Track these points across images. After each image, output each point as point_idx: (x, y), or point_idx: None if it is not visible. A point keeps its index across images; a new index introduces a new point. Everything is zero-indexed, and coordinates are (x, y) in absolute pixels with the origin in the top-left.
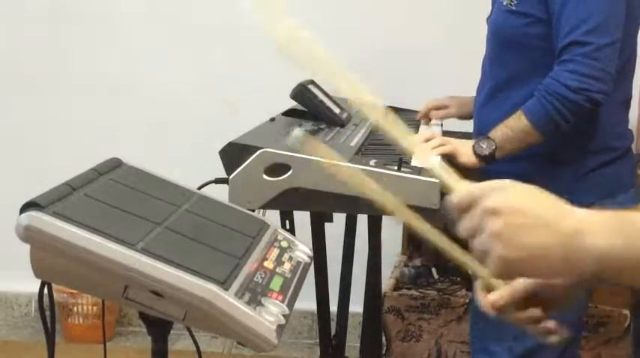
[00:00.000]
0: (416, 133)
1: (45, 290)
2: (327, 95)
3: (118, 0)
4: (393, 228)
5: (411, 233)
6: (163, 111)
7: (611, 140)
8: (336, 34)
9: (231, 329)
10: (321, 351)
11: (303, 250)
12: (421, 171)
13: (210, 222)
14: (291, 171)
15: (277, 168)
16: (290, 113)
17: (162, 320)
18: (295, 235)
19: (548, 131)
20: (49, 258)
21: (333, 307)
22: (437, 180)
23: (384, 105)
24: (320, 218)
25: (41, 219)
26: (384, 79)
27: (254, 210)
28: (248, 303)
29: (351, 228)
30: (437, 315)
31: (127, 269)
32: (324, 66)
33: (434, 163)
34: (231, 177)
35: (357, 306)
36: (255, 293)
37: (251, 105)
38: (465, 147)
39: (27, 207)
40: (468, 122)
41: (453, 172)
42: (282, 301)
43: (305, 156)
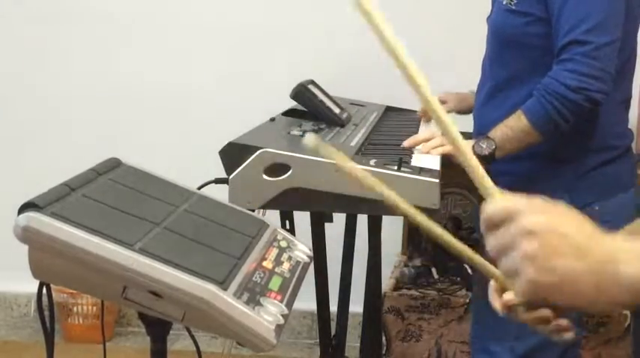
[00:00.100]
0: (416, 133)
1: (44, 291)
2: (327, 95)
3: (118, 0)
4: (393, 228)
5: (411, 233)
6: (163, 111)
7: (611, 139)
8: (336, 34)
9: (230, 329)
10: (321, 351)
11: (303, 250)
12: (421, 171)
13: (209, 222)
14: (291, 171)
15: (277, 168)
16: (290, 113)
17: (161, 320)
18: (295, 235)
19: (548, 131)
20: (48, 259)
21: (333, 307)
22: (437, 180)
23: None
24: (320, 218)
25: (39, 219)
26: (384, 79)
27: (254, 210)
28: (247, 303)
29: (351, 228)
30: (437, 315)
31: (125, 269)
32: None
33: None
34: (231, 177)
35: (357, 306)
36: (253, 293)
37: (251, 105)
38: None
39: (25, 207)
40: (468, 122)
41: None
42: (281, 301)
43: (305, 156)
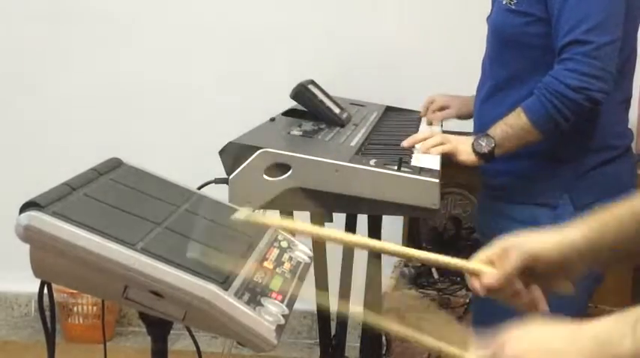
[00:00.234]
0: (416, 133)
1: (45, 290)
2: (327, 95)
3: (118, 0)
4: (393, 228)
5: (411, 232)
6: (163, 111)
7: (611, 139)
8: (336, 34)
9: (231, 329)
10: (321, 351)
11: (303, 250)
12: (421, 171)
13: (210, 222)
14: (291, 171)
15: (277, 168)
16: (290, 113)
17: (162, 320)
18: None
19: (548, 130)
20: (49, 258)
21: (333, 307)
22: (437, 180)
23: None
24: (320, 218)
25: (41, 218)
26: (384, 79)
27: (254, 210)
28: (247, 303)
29: (351, 228)
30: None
31: (126, 269)
32: None
33: None
34: (231, 177)
35: (357, 306)
36: (254, 293)
37: (251, 105)
38: (464, 146)
39: (26, 206)
40: (468, 122)
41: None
42: (282, 301)
43: (305, 156)
